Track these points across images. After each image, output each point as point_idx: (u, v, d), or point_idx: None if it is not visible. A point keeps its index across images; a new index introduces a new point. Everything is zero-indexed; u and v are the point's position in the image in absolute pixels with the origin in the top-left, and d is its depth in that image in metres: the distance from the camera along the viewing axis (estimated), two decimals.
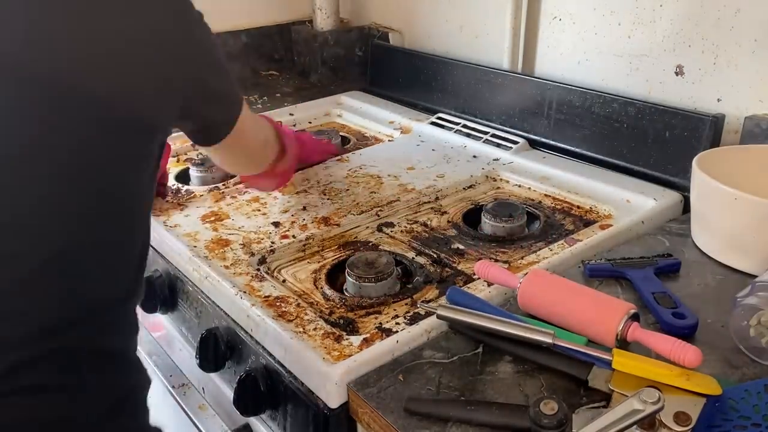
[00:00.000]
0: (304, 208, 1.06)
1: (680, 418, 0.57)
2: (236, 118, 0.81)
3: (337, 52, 1.67)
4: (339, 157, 1.25)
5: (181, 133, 0.85)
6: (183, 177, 1.21)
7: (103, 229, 0.63)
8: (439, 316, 0.73)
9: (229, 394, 0.83)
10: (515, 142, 1.25)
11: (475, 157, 1.24)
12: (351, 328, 0.79)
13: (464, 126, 1.35)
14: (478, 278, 0.83)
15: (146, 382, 0.68)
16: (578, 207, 1.06)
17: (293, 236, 0.97)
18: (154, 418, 0.71)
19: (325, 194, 1.10)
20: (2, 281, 0.57)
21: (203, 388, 1.01)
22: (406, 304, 0.83)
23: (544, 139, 1.24)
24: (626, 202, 1.04)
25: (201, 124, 0.78)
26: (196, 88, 0.70)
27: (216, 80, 0.75)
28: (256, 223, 1.02)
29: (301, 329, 0.76)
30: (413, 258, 0.93)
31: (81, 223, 0.61)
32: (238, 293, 0.83)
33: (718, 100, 1.05)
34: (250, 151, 0.93)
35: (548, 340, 0.66)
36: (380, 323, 0.78)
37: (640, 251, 0.88)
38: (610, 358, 0.63)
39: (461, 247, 0.96)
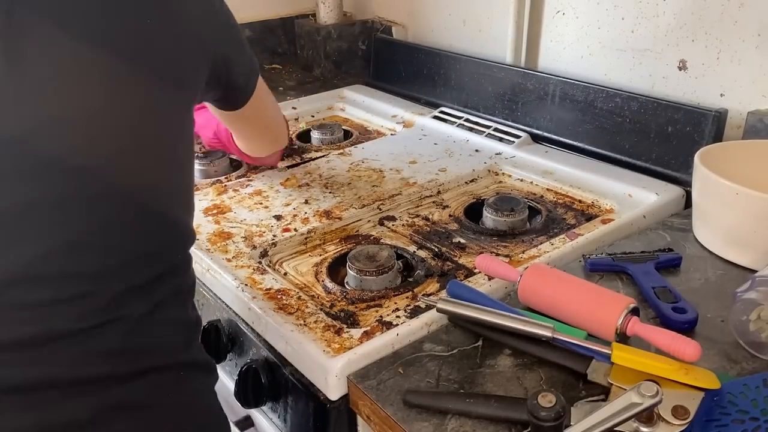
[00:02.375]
0: (306, 202, 1.06)
1: (678, 411, 0.57)
2: (255, 84, 0.88)
3: (340, 46, 1.67)
4: (341, 151, 1.25)
5: None
6: None
7: (184, 172, 0.72)
8: (439, 310, 0.73)
9: (231, 385, 0.84)
10: (518, 137, 1.25)
11: (477, 151, 1.24)
12: (352, 321, 0.79)
13: (467, 120, 1.35)
14: (479, 272, 0.83)
15: (199, 320, 0.74)
16: (580, 201, 1.06)
17: (295, 229, 0.97)
18: None
19: (327, 188, 1.11)
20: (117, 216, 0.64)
21: None
22: (407, 297, 0.83)
23: (546, 134, 1.24)
24: (628, 197, 1.04)
25: (225, 88, 0.83)
26: (223, 55, 0.77)
27: (237, 49, 0.81)
28: (258, 216, 1.02)
29: (302, 322, 0.76)
30: (414, 252, 0.93)
31: (170, 168, 0.69)
32: (239, 286, 0.84)
33: (721, 95, 1.05)
34: (270, 123, 1.01)
35: (548, 333, 0.66)
36: (381, 316, 0.78)
37: (641, 246, 0.88)
38: (609, 352, 0.63)
39: (462, 241, 0.96)
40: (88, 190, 0.62)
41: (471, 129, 1.32)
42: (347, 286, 0.87)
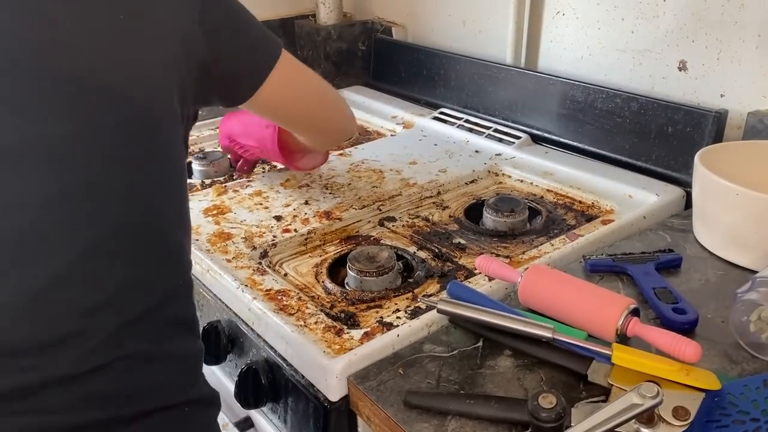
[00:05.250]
0: (306, 202, 1.06)
1: (679, 412, 0.57)
2: (264, 69, 0.76)
3: (340, 47, 1.67)
4: (341, 152, 1.25)
5: None
6: None
7: (175, 186, 0.65)
8: (439, 311, 0.73)
9: (231, 386, 0.84)
10: (518, 137, 1.25)
11: (477, 152, 1.24)
12: (352, 321, 0.79)
13: (467, 121, 1.35)
14: (479, 273, 0.83)
15: (203, 349, 0.70)
16: (580, 202, 1.06)
17: (295, 230, 0.97)
18: None
19: (327, 188, 1.11)
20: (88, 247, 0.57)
21: None
22: (407, 298, 0.83)
23: (546, 135, 1.24)
24: (628, 198, 1.04)
25: (221, 81, 0.72)
26: (210, 44, 0.67)
27: (231, 32, 0.71)
28: (258, 216, 1.02)
29: (303, 323, 0.76)
30: (415, 252, 0.93)
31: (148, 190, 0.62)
32: (239, 287, 0.83)
33: (722, 95, 1.05)
34: (309, 108, 0.87)
35: (548, 334, 0.66)
36: (381, 317, 0.78)
37: (641, 246, 0.88)
38: (610, 353, 0.63)
39: (463, 241, 0.96)
40: (69, 216, 0.57)
41: (471, 130, 1.32)
42: (347, 287, 0.86)
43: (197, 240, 0.95)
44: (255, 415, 0.88)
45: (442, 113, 1.40)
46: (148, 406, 0.59)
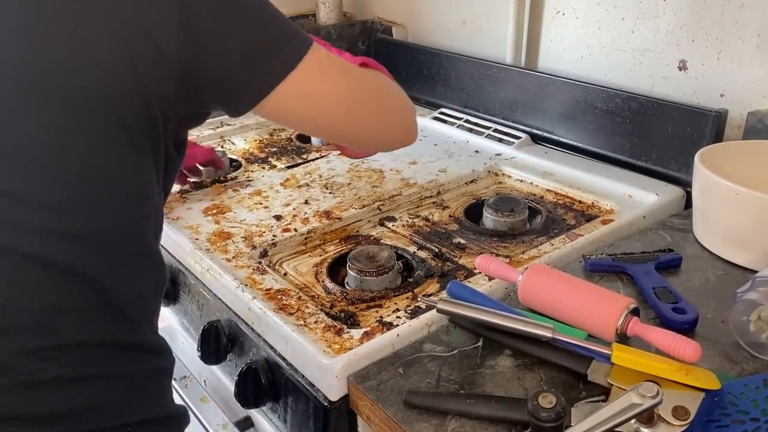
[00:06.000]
0: (306, 202, 1.06)
1: (679, 412, 0.57)
2: (271, 79, 0.62)
3: (340, 46, 1.66)
4: (340, 152, 1.25)
5: None
6: None
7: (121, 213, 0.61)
8: (439, 310, 0.73)
9: (231, 386, 0.84)
10: (518, 137, 1.25)
11: (477, 151, 1.24)
12: (352, 321, 0.79)
13: (467, 121, 1.35)
14: (479, 272, 0.83)
15: (171, 363, 0.67)
16: (580, 202, 1.06)
17: (295, 229, 0.97)
18: None
19: (327, 188, 1.11)
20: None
21: (205, 381, 1.01)
22: (407, 297, 0.83)
23: (546, 134, 1.24)
24: (628, 197, 1.04)
25: (214, 86, 0.62)
26: (193, 48, 0.58)
27: (221, 30, 0.60)
28: (258, 216, 1.02)
29: (302, 322, 0.76)
30: (414, 252, 0.93)
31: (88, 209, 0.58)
32: (239, 286, 0.83)
33: (721, 95, 1.05)
34: (344, 116, 0.71)
35: (548, 334, 0.66)
36: (381, 317, 0.78)
37: (641, 246, 0.88)
38: (610, 353, 0.63)
39: (462, 241, 0.96)
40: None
41: (471, 130, 1.32)
42: (347, 287, 0.86)
43: (197, 239, 0.95)
44: (255, 414, 0.88)
45: (442, 113, 1.40)
46: (84, 427, 0.57)
